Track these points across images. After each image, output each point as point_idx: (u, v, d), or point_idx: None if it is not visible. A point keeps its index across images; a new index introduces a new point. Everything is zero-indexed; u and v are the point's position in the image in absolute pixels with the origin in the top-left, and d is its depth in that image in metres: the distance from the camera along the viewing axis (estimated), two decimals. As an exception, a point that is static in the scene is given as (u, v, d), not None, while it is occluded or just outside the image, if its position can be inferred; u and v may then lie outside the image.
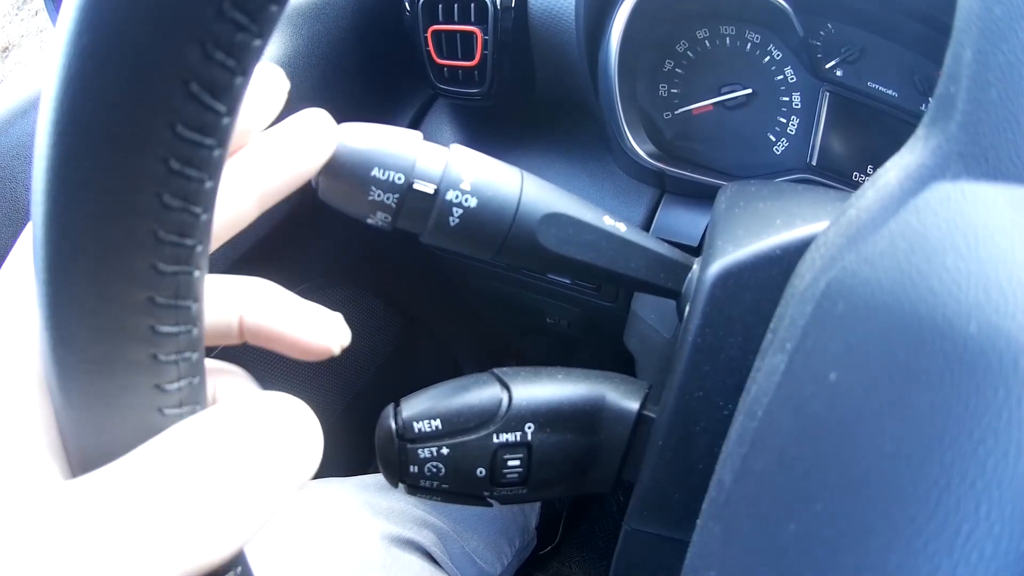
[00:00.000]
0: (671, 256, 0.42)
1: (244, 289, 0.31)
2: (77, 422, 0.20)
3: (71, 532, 0.18)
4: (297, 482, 0.23)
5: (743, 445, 0.25)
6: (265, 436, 0.22)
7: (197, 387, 0.22)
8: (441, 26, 0.72)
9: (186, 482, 0.20)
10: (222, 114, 0.17)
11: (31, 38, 3.06)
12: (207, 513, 0.20)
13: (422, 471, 0.40)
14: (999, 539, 0.17)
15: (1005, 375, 0.18)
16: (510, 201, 0.38)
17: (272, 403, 0.23)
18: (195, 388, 0.22)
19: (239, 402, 0.23)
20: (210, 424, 0.22)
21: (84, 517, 0.19)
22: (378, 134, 0.37)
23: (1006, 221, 0.21)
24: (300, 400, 0.24)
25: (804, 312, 0.24)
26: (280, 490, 0.22)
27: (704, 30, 0.71)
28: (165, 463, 0.20)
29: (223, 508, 0.20)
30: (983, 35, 0.23)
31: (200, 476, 0.20)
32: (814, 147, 0.68)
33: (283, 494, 0.22)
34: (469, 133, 0.85)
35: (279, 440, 0.22)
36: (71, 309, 0.18)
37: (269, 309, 0.30)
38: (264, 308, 0.30)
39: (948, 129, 0.24)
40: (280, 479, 0.22)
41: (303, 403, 0.24)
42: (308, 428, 0.24)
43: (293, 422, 0.23)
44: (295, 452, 0.23)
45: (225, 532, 0.20)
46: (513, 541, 0.90)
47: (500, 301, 1.02)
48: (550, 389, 0.41)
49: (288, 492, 0.22)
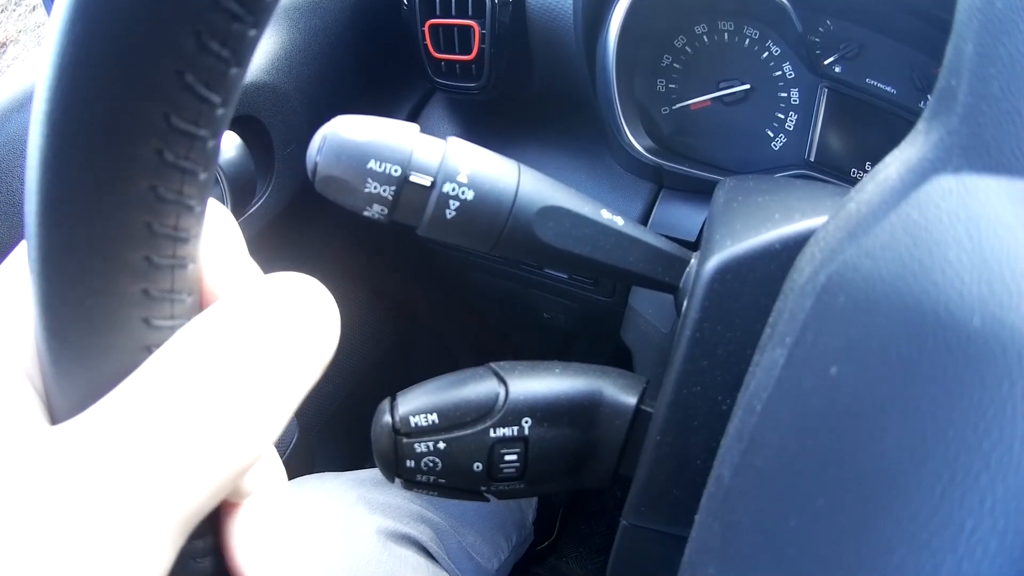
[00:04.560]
0: (669, 250, 0.42)
1: None
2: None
3: (60, 480, 0.17)
4: (320, 367, 0.21)
5: (742, 440, 0.25)
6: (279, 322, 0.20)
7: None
8: (438, 20, 0.72)
9: (191, 395, 0.18)
10: (217, 105, 0.17)
11: (28, 34, 3.05)
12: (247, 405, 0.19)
13: (418, 466, 0.40)
14: (1004, 534, 0.17)
15: (1009, 368, 0.18)
16: (507, 194, 0.38)
17: (279, 287, 0.21)
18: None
19: (238, 295, 0.20)
20: (211, 322, 0.20)
21: (73, 463, 0.17)
22: (375, 126, 0.36)
23: (1008, 214, 0.21)
24: (310, 277, 0.22)
25: (804, 306, 0.24)
26: (310, 368, 0.20)
27: (702, 25, 0.71)
28: (161, 382, 0.18)
29: (260, 398, 0.19)
30: (985, 28, 0.23)
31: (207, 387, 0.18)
32: (812, 143, 0.68)
33: (314, 371, 0.20)
34: (466, 127, 0.85)
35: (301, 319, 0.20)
36: (63, 302, 0.18)
37: None
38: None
39: (950, 122, 0.24)
40: (308, 357, 0.20)
41: (313, 280, 0.22)
42: (325, 303, 0.21)
43: (310, 298, 0.21)
44: (318, 326, 0.21)
45: (264, 422, 0.19)
46: (510, 536, 0.90)
47: (497, 296, 1.02)
48: (547, 383, 0.41)
49: (317, 370, 0.21)
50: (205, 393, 0.18)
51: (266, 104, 0.73)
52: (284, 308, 0.20)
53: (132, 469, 0.17)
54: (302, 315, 0.21)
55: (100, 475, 0.17)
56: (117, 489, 0.17)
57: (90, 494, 0.17)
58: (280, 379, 0.20)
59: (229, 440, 0.19)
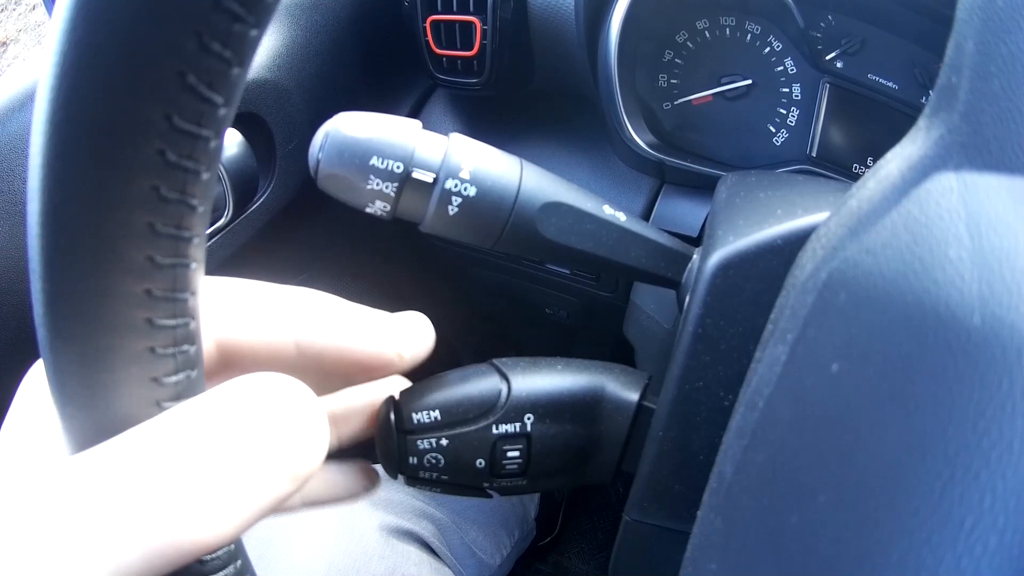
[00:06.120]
0: (671, 246, 0.42)
1: (299, 303, 0.29)
2: (73, 417, 0.20)
3: (69, 504, 0.18)
4: (297, 468, 0.22)
5: (744, 436, 0.25)
6: (256, 419, 0.21)
7: (195, 380, 0.22)
8: (440, 16, 0.72)
9: (177, 461, 0.20)
10: (219, 105, 0.17)
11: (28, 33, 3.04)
12: (200, 492, 0.20)
13: (421, 462, 0.40)
14: (1003, 531, 0.17)
15: (1009, 366, 0.18)
16: (509, 190, 0.38)
17: (264, 384, 0.22)
18: (193, 382, 0.22)
19: (232, 383, 0.22)
20: (199, 407, 0.21)
21: (82, 490, 0.19)
22: (377, 123, 0.36)
23: (1008, 212, 0.21)
24: (298, 381, 0.23)
25: (805, 302, 0.24)
26: (277, 474, 0.21)
27: (704, 20, 0.71)
28: (157, 442, 0.20)
29: (215, 489, 0.20)
30: (986, 26, 0.23)
31: (192, 455, 0.20)
32: (814, 138, 0.68)
33: (281, 480, 0.21)
34: (468, 123, 0.85)
35: (272, 422, 0.21)
36: (67, 302, 0.18)
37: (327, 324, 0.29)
38: (322, 323, 0.29)
39: (950, 120, 0.24)
40: (276, 462, 0.21)
41: (301, 383, 0.23)
42: (305, 410, 0.22)
43: (288, 403, 0.22)
44: (290, 433, 0.22)
45: (217, 513, 0.20)
46: (512, 532, 0.90)
47: (499, 291, 1.02)
48: (550, 380, 0.41)
49: (287, 479, 0.22)
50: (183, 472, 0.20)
51: (268, 101, 0.73)
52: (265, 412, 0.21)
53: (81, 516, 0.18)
54: (281, 421, 0.22)
55: (99, 504, 0.19)
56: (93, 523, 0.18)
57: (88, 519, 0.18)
58: (252, 474, 0.21)
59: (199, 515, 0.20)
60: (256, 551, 0.66)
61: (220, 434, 0.20)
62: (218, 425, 0.21)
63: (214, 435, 0.20)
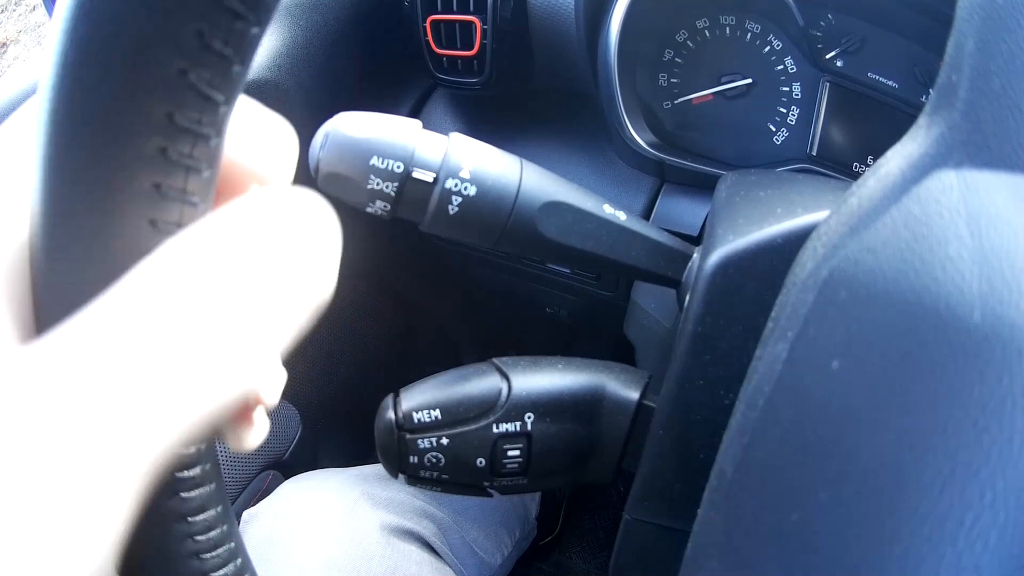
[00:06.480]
0: (671, 245, 0.42)
1: None
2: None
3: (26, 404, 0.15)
4: (319, 295, 0.19)
5: (744, 434, 0.25)
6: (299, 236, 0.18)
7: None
8: (440, 16, 0.72)
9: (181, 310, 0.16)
10: (219, 103, 0.17)
11: (28, 34, 3.04)
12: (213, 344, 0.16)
13: (422, 461, 0.40)
14: (1003, 528, 0.17)
15: (1009, 363, 0.18)
16: (510, 189, 0.38)
17: (300, 199, 0.19)
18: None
19: (242, 202, 0.18)
20: (209, 230, 0.17)
21: (42, 385, 0.15)
22: (377, 123, 0.36)
23: (1009, 209, 0.21)
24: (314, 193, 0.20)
25: (806, 300, 0.24)
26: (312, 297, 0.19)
27: (704, 20, 0.71)
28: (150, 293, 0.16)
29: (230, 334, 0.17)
30: (986, 24, 0.23)
31: (201, 300, 0.16)
32: (814, 137, 0.68)
33: (312, 303, 0.19)
34: (468, 123, 0.85)
35: (310, 240, 0.18)
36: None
37: None
38: None
39: (950, 118, 0.24)
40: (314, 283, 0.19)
41: (318, 196, 0.20)
42: (326, 223, 0.19)
43: (311, 215, 0.19)
44: (325, 252, 0.19)
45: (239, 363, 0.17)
46: (513, 531, 0.90)
47: (500, 291, 1.02)
48: (550, 379, 0.41)
49: (311, 307, 0.19)
50: (198, 308, 0.16)
51: (267, 101, 0.72)
52: (287, 224, 0.18)
53: (105, 394, 0.15)
54: (307, 232, 0.19)
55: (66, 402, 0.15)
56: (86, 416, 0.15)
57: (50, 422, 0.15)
58: (283, 297, 0.18)
59: (224, 364, 0.17)
60: (256, 551, 0.66)
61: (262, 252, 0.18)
62: (230, 248, 0.17)
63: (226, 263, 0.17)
